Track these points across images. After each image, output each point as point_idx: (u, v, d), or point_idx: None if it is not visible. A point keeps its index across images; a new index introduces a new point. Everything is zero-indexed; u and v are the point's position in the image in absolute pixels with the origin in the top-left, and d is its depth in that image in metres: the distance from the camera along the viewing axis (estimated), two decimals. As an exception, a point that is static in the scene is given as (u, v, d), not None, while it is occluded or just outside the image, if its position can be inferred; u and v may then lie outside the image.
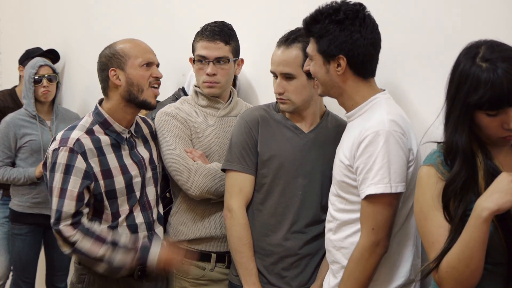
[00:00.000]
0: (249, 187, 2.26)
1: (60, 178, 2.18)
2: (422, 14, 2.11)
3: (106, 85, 2.29)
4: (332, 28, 1.93)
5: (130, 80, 2.25)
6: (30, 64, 3.70)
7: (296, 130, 2.27)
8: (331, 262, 2.06)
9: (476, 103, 1.54)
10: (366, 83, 1.99)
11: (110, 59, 2.28)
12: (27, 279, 3.75)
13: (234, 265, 2.31)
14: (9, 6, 5.25)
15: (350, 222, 1.98)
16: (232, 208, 2.26)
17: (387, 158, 1.85)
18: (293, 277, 2.25)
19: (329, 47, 1.94)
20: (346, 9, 1.93)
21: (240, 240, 2.24)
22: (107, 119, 2.28)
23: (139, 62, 2.26)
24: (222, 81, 2.48)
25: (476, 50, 1.57)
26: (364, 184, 1.88)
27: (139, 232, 2.29)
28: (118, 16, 3.89)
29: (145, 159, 2.36)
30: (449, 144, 1.62)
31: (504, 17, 1.86)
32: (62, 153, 2.19)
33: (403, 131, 1.89)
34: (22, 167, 3.61)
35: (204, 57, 2.46)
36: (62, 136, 2.26)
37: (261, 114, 2.28)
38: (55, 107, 3.77)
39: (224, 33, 2.47)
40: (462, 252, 1.54)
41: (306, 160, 2.25)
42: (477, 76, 1.53)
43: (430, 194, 1.65)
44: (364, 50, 1.94)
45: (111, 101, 2.29)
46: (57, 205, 2.18)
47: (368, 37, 1.94)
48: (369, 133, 1.87)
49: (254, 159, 2.26)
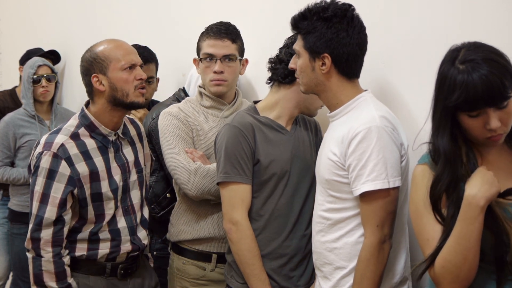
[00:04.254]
0: (249, 197, 2.22)
1: (43, 183, 2.14)
2: (415, 15, 2.11)
3: (90, 90, 2.23)
4: (319, 25, 1.93)
5: (113, 85, 2.18)
6: (28, 64, 3.70)
7: (282, 130, 2.27)
8: (322, 264, 2.03)
9: (454, 104, 1.55)
10: (350, 83, 1.98)
11: (91, 64, 2.20)
12: (27, 278, 3.68)
13: (235, 271, 2.26)
14: (9, 6, 5.26)
15: (341, 221, 1.96)
16: (237, 220, 2.18)
17: (383, 154, 1.85)
18: (299, 276, 2.25)
19: (315, 44, 1.94)
20: (335, 8, 1.94)
21: (250, 253, 2.18)
22: (93, 122, 2.22)
23: (121, 66, 2.18)
24: (229, 79, 2.48)
25: (457, 53, 1.58)
26: (358, 181, 1.87)
27: (121, 237, 2.26)
28: (118, 16, 3.89)
29: (130, 162, 2.32)
30: (433, 146, 1.65)
31: (496, 18, 1.86)
32: (46, 158, 2.14)
33: (393, 126, 1.90)
34: (21, 167, 3.60)
35: (211, 55, 2.45)
36: (46, 140, 2.19)
37: (251, 120, 2.24)
38: (54, 106, 3.77)
39: (231, 32, 2.48)
40: (458, 245, 1.55)
41: (296, 158, 2.25)
42: (453, 78, 1.55)
43: (424, 192, 1.66)
44: (350, 50, 1.93)
45: (97, 105, 2.23)
46: (38, 211, 2.14)
47: (355, 37, 1.93)
48: (361, 130, 1.86)
49: (251, 167, 2.21)
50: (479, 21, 1.91)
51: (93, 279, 2.24)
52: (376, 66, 2.16)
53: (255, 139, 2.21)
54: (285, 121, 2.28)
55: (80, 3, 4.30)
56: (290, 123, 2.30)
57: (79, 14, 4.31)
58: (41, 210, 2.14)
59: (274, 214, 2.22)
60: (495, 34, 1.65)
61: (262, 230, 2.22)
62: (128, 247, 2.28)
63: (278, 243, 2.23)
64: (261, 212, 2.23)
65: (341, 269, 1.97)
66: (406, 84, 2.15)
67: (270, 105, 2.29)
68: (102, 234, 2.23)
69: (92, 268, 2.24)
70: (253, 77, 2.85)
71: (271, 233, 2.23)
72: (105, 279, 2.25)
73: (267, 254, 2.22)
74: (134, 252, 2.30)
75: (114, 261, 2.26)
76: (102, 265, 2.25)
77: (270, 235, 2.23)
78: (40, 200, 2.14)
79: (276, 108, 2.28)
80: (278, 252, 2.23)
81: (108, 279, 2.26)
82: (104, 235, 2.23)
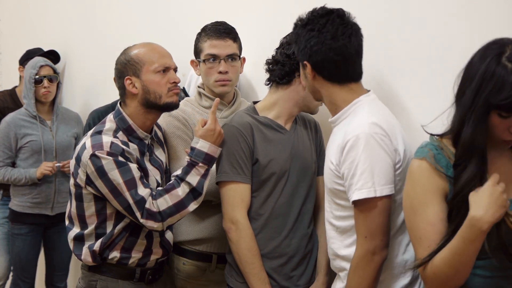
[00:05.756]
0: (249, 196, 2.22)
1: (119, 173, 2.08)
2: (415, 15, 2.11)
3: (123, 92, 2.22)
4: (299, 33, 1.94)
5: (146, 87, 2.17)
6: (30, 64, 3.68)
7: (281, 130, 2.27)
8: (338, 269, 2.01)
9: (498, 104, 1.51)
10: (344, 88, 1.93)
11: (125, 66, 2.19)
12: (27, 279, 3.75)
13: (235, 271, 2.26)
14: (9, 6, 5.26)
15: (349, 229, 1.92)
16: (237, 220, 2.19)
17: (369, 162, 1.78)
18: (299, 275, 2.26)
19: (298, 53, 1.96)
20: (311, 15, 1.92)
21: (250, 251, 2.19)
22: (131, 126, 2.20)
23: (154, 68, 2.17)
24: (233, 79, 2.48)
25: (502, 49, 1.53)
26: (350, 190, 1.83)
27: (153, 238, 2.26)
28: (118, 16, 3.89)
29: (163, 163, 2.34)
30: (466, 144, 1.58)
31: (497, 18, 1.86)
32: (103, 156, 2.09)
33: (385, 133, 1.83)
34: (22, 167, 3.61)
35: (215, 55, 2.45)
36: (92, 142, 2.13)
37: (250, 120, 2.24)
38: (55, 107, 3.76)
39: (230, 31, 2.49)
40: (453, 259, 1.54)
41: (295, 157, 2.26)
42: (501, 77, 1.50)
43: (421, 188, 1.64)
44: (324, 56, 1.88)
45: (130, 108, 2.21)
46: (134, 197, 2.08)
47: (327, 42, 1.87)
48: (350, 137, 1.82)
49: (250, 167, 2.22)
50: (479, 21, 1.90)
51: (122, 283, 2.23)
52: (376, 66, 2.16)
53: (254, 139, 2.21)
54: (284, 121, 2.28)
55: (80, 3, 4.30)
56: (290, 123, 2.30)
57: (79, 14, 4.31)
58: (136, 195, 2.09)
59: (273, 213, 2.23)
60: (497, 35, 1.64)
61: (262, 229, 2.23)
62: (158, 252, 2.28)
63: (278, 242, 2.23)
64: (260, 211, 2.23)
65: None
66: (406, 84, 2.15)
67: (269, 105, 2.29)
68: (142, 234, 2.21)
69: (122, 272, 2.23)
70: (253, 77, 2.85)
71: (270, 232, 2.23)
72: (134, 284, 2.25)
73: (267, 253, 2.22)
74: (163, 257, 2.32)
75: (144, 266, 2.26)
76: (132, 269, 2.24)
77: (270, 235, 2.23)
78: (128, 188, 2.09)
79: (275, 108, 2.28)
80: (278, 252, 2.23)
81: (136, 283, 2.25)
82: (142, 235, 2.21)
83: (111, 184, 2.10)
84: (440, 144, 1.68)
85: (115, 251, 2.20)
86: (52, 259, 3.85)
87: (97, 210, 2.18)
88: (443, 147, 1.66)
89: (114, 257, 2.20)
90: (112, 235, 2.18)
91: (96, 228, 2.19)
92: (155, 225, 2.13)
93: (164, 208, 2.12)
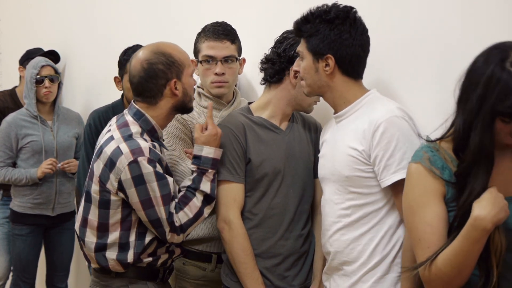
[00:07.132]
0: (242, 196, 2.23)
1: (157, 187, 2.07)
2: (415, 15, 2.11)
3: (158, 94, 2.15)
4: (322, 27, 1.97)
5: (186, 90, 2.17)
6: (31, 64, 3.67)
7: (276, 130, 2.28)
8: (341, 263, 2.02)
9: (502, 110, 1.51)
10: (356, 83, 2.02)
11: (170, 68, 2.14)
12: (27, 279, 3.75)
13: (230, 270, 2.27)
14: (9, 6, 5.26)
15: (364, 216, 1.95)
16: (230, 219, 2.20)
17: (409, 142, 1.87)
18: (294, 276, 2.26)
19: (318, 46, 1.98)
20: (337, 10, 1.97)
21: (243, 251, 2.19)
22: (154, 127, 2.18)
23: (191, 71, 2.20)
24: (230, 80, 2.49)
25: (505, 54, 1.53)
26: (387, 171, 1.88)
27: None
28: (118, 16, 3.89)
29: None
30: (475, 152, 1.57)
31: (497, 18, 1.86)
32: (144, 163, 2.05)
33: (410, 117, 1.94)
34: (23, 167, 3.60)
35: (212, 57, 2.46)
36: (130, 147, 2.07)
37: (243, 120, 2.25)
38: (56, 107, 3.76)
39: (229, 32, 2.49)
40: (456, 259, 1.55)
41: (291, 157, 2.26)
42: (506, 83, 1.51)
43: (419, 190, 1.67)
44: (353, 51, 1.97)
45: (160, 109, 2.17)
46: (166, 213, 2.09)
47: (358, 38, 1.97)
48: (382, 120, 1.88)
49: (243, 167, 2.22)
50: (480, 21, 1.91)
51: (150, 285, 2.22)
52: (377, 67, 2.16)
53: (246, 138, 2.22)
54: (278, 120, 2.29)
55: (80, 3, 4.29)
56: (285, 122, 2.30)
57: (79, 14, 4.30)
58: (169, 210, 2.10)
59: (268, 213, 2.23)
60: (497, 34, 1.65)
61: (256, 229, 2.24)
62: (177, 251, 2.30)
63: (272, 242, 2.24)
64: (254, 211, 2.24)
65: (365, 265, 1.97)
66: (406, 84, 2.15)
67: (263, 105, 2.30)
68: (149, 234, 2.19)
69: (149, 274, 2.23)
70: (253, 77, 2.84)
71: (265, 232, 2.24)
72: (157, 284, 2.25)
73: (261, 253, 2.23)
74: (179, 255, 2.34)
75: (165, 265, 2.27)
76: (157, 270, 2.24)
77: (264, 234, 2.24)
78: (164, 203, 2.09)
79: (268, 108, 2.28)
80: (272, 252, 2.24)
81: (158, 284, 2.25)
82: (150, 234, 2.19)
83: (147, 195, 2.07)
84: (436, 145, 1.70)
85: (147, 257, 2.18)
86: (52, 259, 3.85)
87: (122, 217, 2.13)
88: (439, 148, 1.68)
89: (147, 261, 2.19)
90: (143, 245, 2.15)
91: (120, 237, 2.14)
92: (177, 238, 2.15)
93: (186, 221, 2.14)
